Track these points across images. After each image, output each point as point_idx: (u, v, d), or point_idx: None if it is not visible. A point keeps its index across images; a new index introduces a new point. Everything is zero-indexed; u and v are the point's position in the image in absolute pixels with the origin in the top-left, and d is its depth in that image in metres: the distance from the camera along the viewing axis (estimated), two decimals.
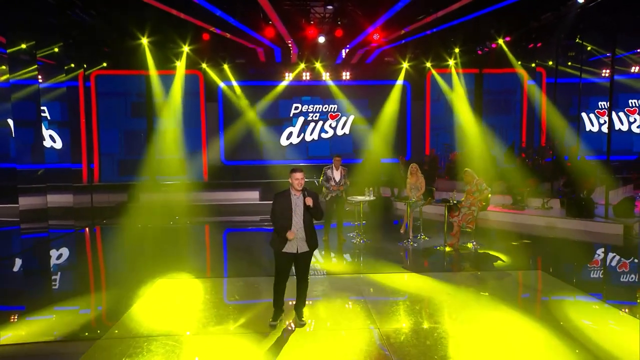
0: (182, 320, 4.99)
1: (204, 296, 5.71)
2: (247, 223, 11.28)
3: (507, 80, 14.72)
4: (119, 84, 14.26)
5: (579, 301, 5.49)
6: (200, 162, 15.01)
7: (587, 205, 9.40)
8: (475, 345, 4.29)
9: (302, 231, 4.57)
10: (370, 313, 5.02)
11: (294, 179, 4.53)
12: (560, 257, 7.67)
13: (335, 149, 15.61)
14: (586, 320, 4.83)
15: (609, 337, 4.43)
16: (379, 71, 15.31)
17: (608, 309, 5.22)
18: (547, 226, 9.63)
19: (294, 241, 4.55)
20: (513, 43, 12.36)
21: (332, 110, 15.64)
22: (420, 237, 8.54)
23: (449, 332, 4.57)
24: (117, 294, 5.94)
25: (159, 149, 14.56)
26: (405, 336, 4.47)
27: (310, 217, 4.61)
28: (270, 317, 4.76)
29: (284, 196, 4.61)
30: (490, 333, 4.54)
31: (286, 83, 15.20)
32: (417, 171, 8.43)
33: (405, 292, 5.85)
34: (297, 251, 4.59)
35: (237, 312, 5.17)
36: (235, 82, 14.90)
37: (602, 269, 7.24)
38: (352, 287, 5.96)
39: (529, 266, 7.23)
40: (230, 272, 6.92)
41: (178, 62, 13.92)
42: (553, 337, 4.39)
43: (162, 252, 8.37)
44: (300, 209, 4.56)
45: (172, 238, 9.69)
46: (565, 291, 5.81)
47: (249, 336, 4.54)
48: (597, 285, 6.32)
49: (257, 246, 8.72)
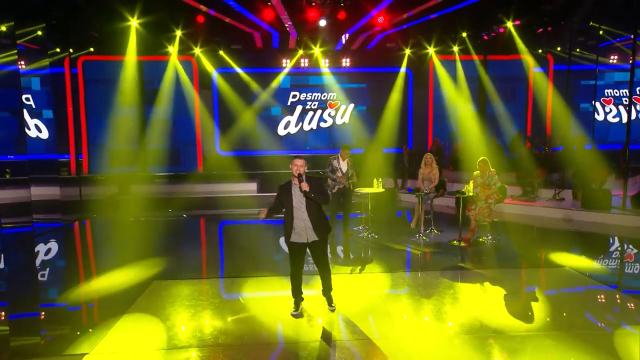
0: (185, 330, 4.46)
1: (207, 299, 5.18)
2: (245, 215, 10.74)
3: (513, 67, 14.22)
4: (108, 70, 13.49)
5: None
6: (194, 152, 14.37)
7: (603, 197, 8.99)
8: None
9: (307, 220, 4.43)
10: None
11: (292, 165, 4.41)
12: (585, 252, 7.22)
13: (335, 139, 15.08)
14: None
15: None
16: (380, 58, 14.72)
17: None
18: (563, 219, 9.21)
19: (303, 231, 4.44)
20: (522, 27, 11.83)
21: (332, 98, 15.06)
22: (432, 231, 8.07)
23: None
24: (109, 298, 5.40)
25: (151, 138, 13.91)
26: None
27: (316, 204, 4.42)
28: (291, 308, 4.62)
29: (285, 186, 4.52)
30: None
31: (284, 70, 14.56)
32: (432, 162, 7.93)
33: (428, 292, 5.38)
34: (307, 240, 4.48)
35: (249, 316, 4.66)
36: (230, 69, 14.21)
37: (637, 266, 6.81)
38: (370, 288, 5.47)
39: (553, 263, 6.78)
40: (231, 271, 6.38)
41: (171, 47, 13.22)
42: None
43: (156, 247, 7.82)
44: (301, 197, 4.41)
45: (165, 232, 9.14)
46: (596, 290, 5.38)
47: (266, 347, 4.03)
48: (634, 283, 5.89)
49: (257, 240, 8.20)
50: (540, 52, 14.09)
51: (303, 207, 4.42)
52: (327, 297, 4.77)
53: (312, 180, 4.39)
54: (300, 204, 4.43)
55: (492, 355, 3.86)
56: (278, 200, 4.54)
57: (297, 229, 4.44)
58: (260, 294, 5.41)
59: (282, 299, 5.11)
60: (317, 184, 4.41)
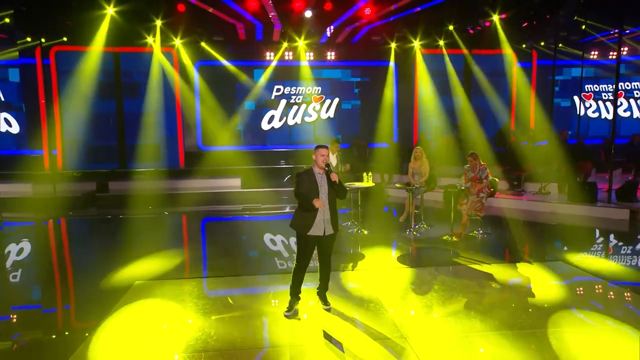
0: (171, 335, 4.17)
1: (193, 300, 4.89)
2: (229, 212, 10.42)
3: (498, 61, 14.22)
4: (82, 61, 12.87)
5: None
6: (175, 147, 13.89)
7: (589, 190, 9.03)
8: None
9: (327, 212, 4.34)
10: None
11: (320, 155, 4.31)
12: (577, 245, 7.18)
13: (320, 134, 14.84)
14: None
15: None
16: (365, 51, 14.52)
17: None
18: (550, 212, 9.22)
19: (321, 223, 4.30)
20: (508, 21, 11.80)
21: (316, 92, 14.79)
22: (422, 226, 7.93)
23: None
24: (87, 300, 5.06)
25: (130, 133, 13.39)
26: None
27: (334, 196, 4.39)
28: (284, 308, 4.41)
29: (308, 175, 4.35)
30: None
31: (268, 63, 14.22)
32: (422, 155, 7.78)
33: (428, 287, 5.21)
34: (323, 233, 4.34)
35: (238, 317, 4.40)
36: (212, 61, 13.77)
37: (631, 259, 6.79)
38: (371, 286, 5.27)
39: (547, 256, 6.71)
40: (216, 270, 6.09)
41: (150, 38, 12.70)
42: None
43: (136, 246, 7.45)
44: (326, 187, 4.34)
45: (146, 230, 8.75)
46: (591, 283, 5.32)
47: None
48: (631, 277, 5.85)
49: (241, 238, 7.92)
50: (524, 47, 14.14)
51: (326, 198, 4.32)
52: (322, 296, 4.58)
53: (333, 172, 4.35)
54: (324, 195, 4.32)
55: (491, 353, 3.71)
56: (305, 190, 4.28)
57: (317, 221, 4.29)
58: (248, 294, 5.15)
59: (271, 298, 4.88)
60: (339, 177, 4.38)
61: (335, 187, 4.29)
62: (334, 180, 4.20)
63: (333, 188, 4.31)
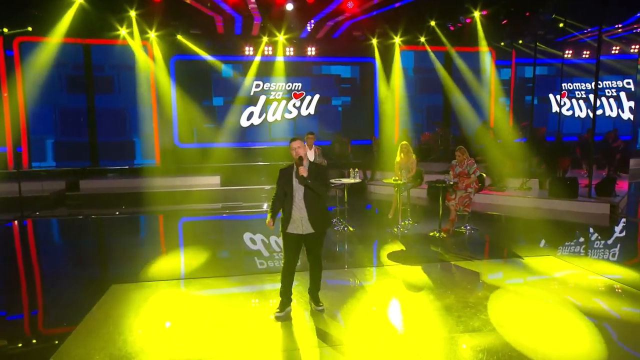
0: (152, 343, 3.86)
1: (175, 304, 4.58)
2: (208, 211, 10.04)
3: (477, 59, 14.31)
4: (49, 53, 12.16)
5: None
6: (151, 144, 13.35)
7: (571, 186, 9.13)
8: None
9: (303, 210, 4.06)
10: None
11: (291, 149, 4.08)
12: (565, 240, 7.20)
13: (300, 131, 14.59)
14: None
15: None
16: (346, 47, 14.35)
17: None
18: (533, 207, 9.28)
19: (298, 221, 4.07)
20: (488, 18, 11.85)
21: (296, 88, 14.53)
22: (408, 222, 7.81)
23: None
24: (59, 305, 4.66)
25: (102, 129, 12.79)
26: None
27: (314, 193, 4.04)
28: (274, 308, 4.17)
29: (286, 171, 4.15)
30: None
31: (247, 58, 13.85)
32: (409, 150, 7.65)
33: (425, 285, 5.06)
34: (302, 232, 4.09)
35: (222, 321, 4.12)
36: (189, 55, 13.29)
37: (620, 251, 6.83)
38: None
39: (539, 251, 6.67)
40: (196, 271, 5.77)
41: (123, 30, 12.13)
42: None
43: (111, 247, 7.04)
44: (299, 183, 4.06)
45: (120, 231, 8.31)
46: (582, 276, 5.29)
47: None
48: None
49: (221, 237, 7.59)
50: (503, 45, 14.30)
51: (301, 194, 4.06)
52: (314, 296, 4.35)
53: (314, 166, 4.11)
54: (298, 191, 4.07)
55: (487, 354, 3.57)
56: (279, 186, 4.16)
57: (294, 218, 4.07)
58: (229, 294, 4.86)
59: (253, 298, 4.62)
60: (318, 171, 4.10)
61: (305, 183, 3.98)
62: (301, 175, 3.92)
63: (306, 185, 4.00)
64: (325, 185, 4.15)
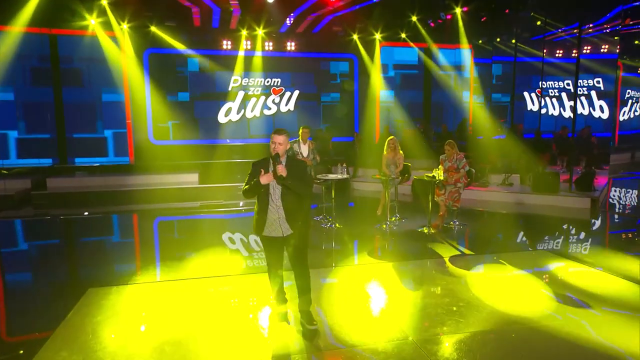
0: (139, 353, 3.54)
1: (161, 308, 4.26)
2: (185, 210, 9.64)
3: (457, 56, 14.41)
4: (11, 43, 11.38)
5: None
6: (124, 141, 12.75)
7: (552, 181, 9.25)
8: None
9: (281, 209, 3.63)
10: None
11: (271, 142, 3.63)
12: (554, 234, 7.25)
13: (280, 127, 14.29)
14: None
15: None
16: (326, 43, 14.14)
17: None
18: (516, 202, 9.34)
19: (276, 223, 3.63)
20: (469, 14, 11.91)
21: (275, 84, 14.22)
22: (396, 218, 7.68)
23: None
24: (32, 312, 4.25)
25: (71, 125, 12.12)
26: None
27: (292, 193, 3.61)
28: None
29: (260, 165, 3.65)
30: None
31: (225, 52, 13.45)
32: (397, 146, 7.51)
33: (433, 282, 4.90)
34: (282, 234, 3.66)
35: (211, 326, 3.83)
36: (164, 49, 12.76)
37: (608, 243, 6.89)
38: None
39: (531, 245, 6.64)
40: (179, 272, 5.43)
41: (93, 20, 11.52)
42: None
43: (81, 249, 6.59)
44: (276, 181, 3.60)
45: (92, 231, 7.83)
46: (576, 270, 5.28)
47: None
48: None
49: (200, 237, 7.24)
50: (481, 43, 14.44)
51: (278, 193, 3.61)
52: (305, 313, 3.72)
53: (293, 163, 3.67)
54: (275, 190, 3.62)
55: (483, 354, 3.44)
56: (252, 181, 3.63)
57: (270, 220, 3.62)
58: (212, 296, 4.56)
59: (233, 298, 4.36)
60: (298, 169, 3.67)
61: (284, 183, 3.51)
62: (280, 174, 3.43)
63: (285, 185, 3.55)
64: (308, 185, 3.72)
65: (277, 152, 3.55)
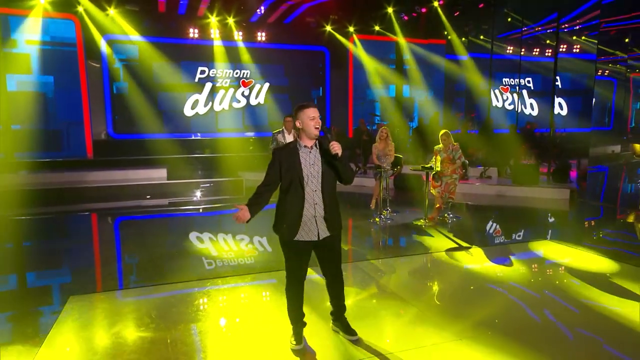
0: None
1: (157, 317, 3.69)
2: (151, 209, 8.88)
3: (431, 51, 14.42)
4: None
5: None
6: (81, 134, 11.63)
7: (532, 173, 9.42)
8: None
9: (320, 205, 2.91)
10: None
11: (308, 118, 2.87)
12: (550, 223, 7.31)
13: (250, 121, 13.72)
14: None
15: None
16: (298, 34, 13.69)
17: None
18: (497, 194, 9.41)
19: (312, 222, 2.91)
20: (443, 8, 11.93)
21: (245, 76, 13.59)
22: (388, 212, 7.43)
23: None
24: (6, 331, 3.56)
25: (18, 116, 10.88)
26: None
27: (334, 181, 2.97)
28: (288, 339, 3.16)
29: (287, 151, 2.94)
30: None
31: (191, 41, 12.65)
32: (388, 136, 7.24)
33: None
34: (317, 237, 2.93)
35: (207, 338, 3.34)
36: (124, 35, 11.75)
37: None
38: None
39: (533, 236, 6.59)
40: (160, 276, 4.84)
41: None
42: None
43: (34, 254, 5.78)
44: (319, 168, 2.90)
45: (42, 233, 6.94)
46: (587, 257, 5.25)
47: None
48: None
49: (173, 238, 6.59)
50: (455, 38, 14.57)
51: (315, 183, 2.89)
52: (342, 323, 3.20)
53: (338, 140, 2.93)
54: (316, 180, 2.89)
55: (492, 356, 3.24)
56: (274, 174, 2.91)
57: (305, 219, 2.90)
58: (196, 300, 4.07)
59: (220, 302, 3.90)
60: (345, 149, 3.00)
61: (337, 165, 2.88)
62: (335, 154, 2.80)
63: (334, 168, 2.91)
64: (352, 170, 3.09)
65: (318, 127, 2.89)
